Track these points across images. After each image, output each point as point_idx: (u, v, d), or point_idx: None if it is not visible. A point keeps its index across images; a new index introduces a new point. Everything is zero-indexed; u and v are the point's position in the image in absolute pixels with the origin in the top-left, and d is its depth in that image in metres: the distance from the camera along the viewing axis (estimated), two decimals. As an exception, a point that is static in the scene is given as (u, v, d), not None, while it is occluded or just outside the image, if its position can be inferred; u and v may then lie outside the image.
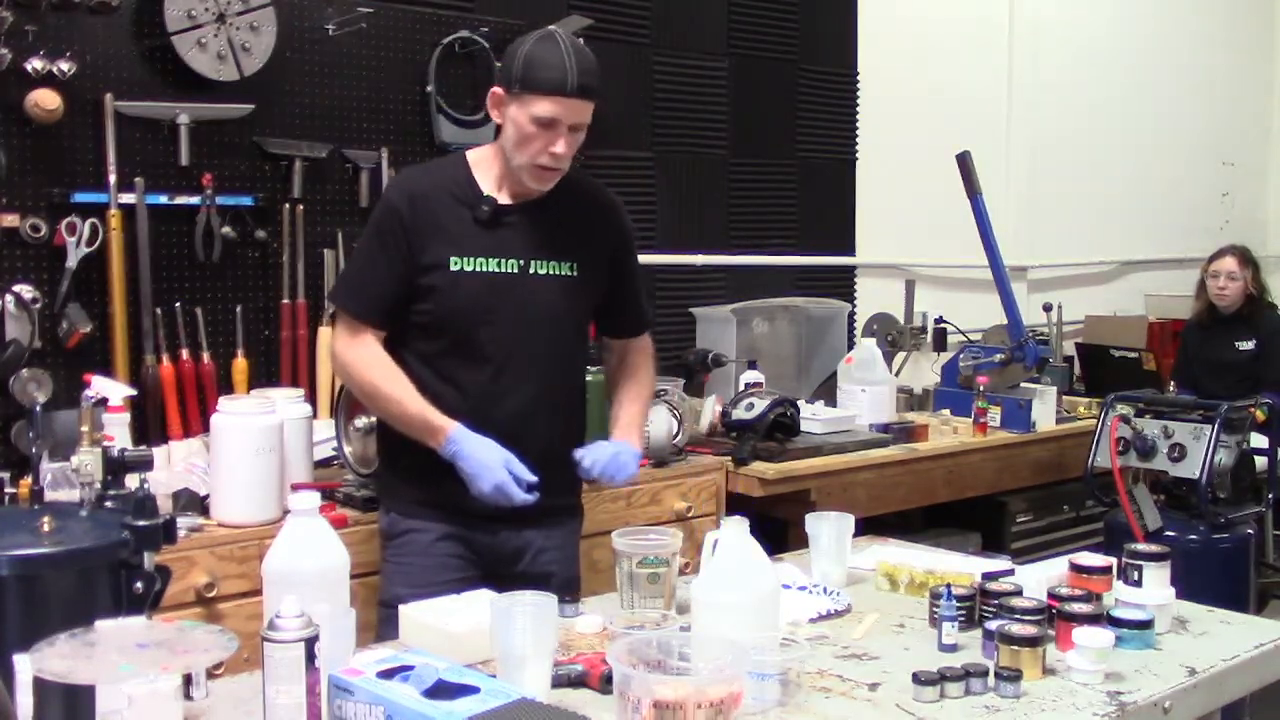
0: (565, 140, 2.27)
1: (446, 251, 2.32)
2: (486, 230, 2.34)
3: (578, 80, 2.23)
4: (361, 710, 1.52)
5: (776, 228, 4.71)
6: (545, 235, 2.38)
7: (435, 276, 2.32)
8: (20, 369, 2.87)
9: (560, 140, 2.27)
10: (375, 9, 3.47)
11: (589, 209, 2.47)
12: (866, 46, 4.98)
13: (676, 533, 2.17)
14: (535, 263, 2.37)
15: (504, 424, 2.32)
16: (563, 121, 2.25)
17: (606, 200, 2.53)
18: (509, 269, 2.35)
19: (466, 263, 2.32)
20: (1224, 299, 4.91)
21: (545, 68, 2.24)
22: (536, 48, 2.26)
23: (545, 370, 2.39)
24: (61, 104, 2.92)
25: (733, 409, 3.66)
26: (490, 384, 2.35)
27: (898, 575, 2.29)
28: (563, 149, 2.28)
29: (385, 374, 2.32)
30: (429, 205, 2.34)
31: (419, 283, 2.33)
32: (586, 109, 2.28)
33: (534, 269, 2.37)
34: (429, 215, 2.33)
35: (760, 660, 1.70)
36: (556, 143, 2.27)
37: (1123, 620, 1.98)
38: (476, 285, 2.32)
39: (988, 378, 4.21)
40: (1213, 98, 6.65)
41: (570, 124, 2.27)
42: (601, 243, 2.48)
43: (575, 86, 2.24)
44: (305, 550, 1.79)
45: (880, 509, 3.74)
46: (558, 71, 2.23)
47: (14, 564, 1.57)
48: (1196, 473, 3.66)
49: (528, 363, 2.37)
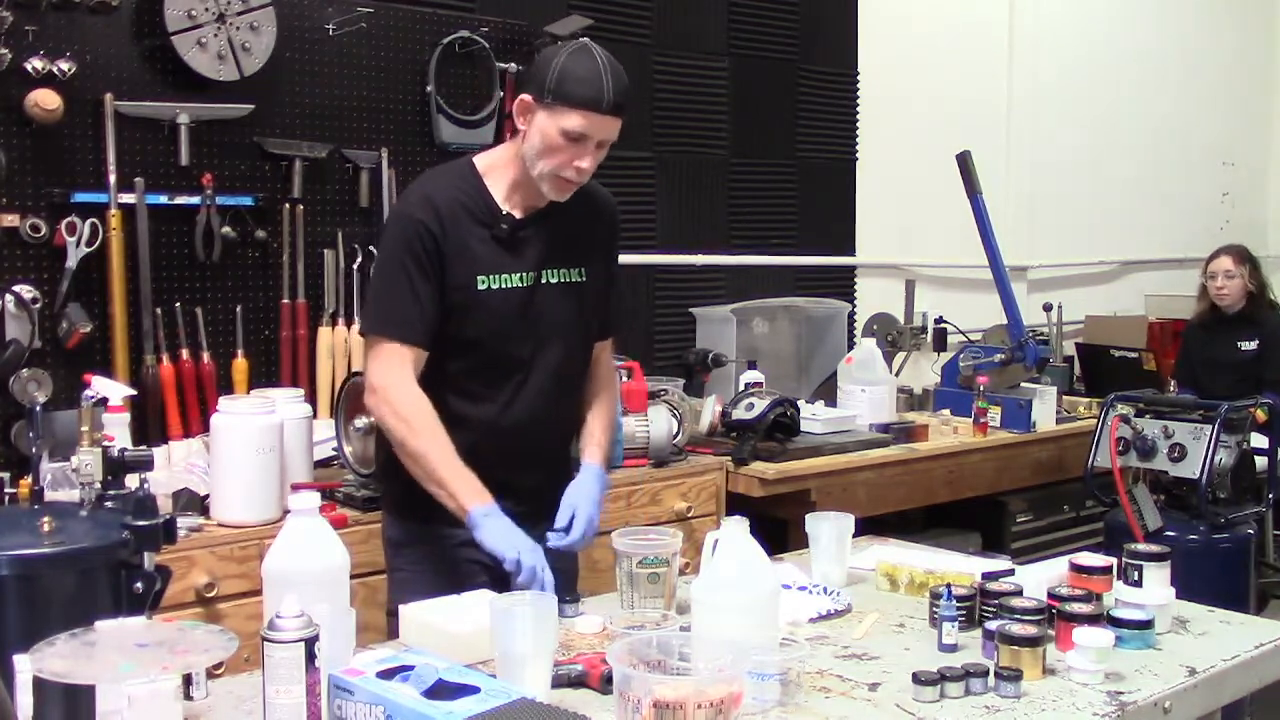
0: (592, 156, 2.24)
1: (473, 271, 2.28)
2: (504, 246, 2.31)
3: (613, 98, 2.20)
4: (361, 710, 1.51)
5: (776, 228, 4.71)
6: (554, 243, 2.36)
7: (462, 297, 2.27)
8: (20, 369, 2.87)
9: (587, 156, 2.23)
10: (375, 9, 3.47)
11: (591, 211, 2.44)
12: (866, 46, 4.98)
13: (676, 533, 2.17)
14: (547, 272, 2.35)
15: (520, 432, 2.31)
16: (592, 137, 2.22)
17: (605, 201, 2.51)
18: (525, 282, 2.32)
19: (492, 281, 2.29)
20: (1225, 298, 4.91)
21: (581, 83, 2.19)
22: (573, 60, 2.21)
23: (559, 377, 2.37)
24: (61, 104, 2.92)
25: (733, 409, 3.65)
26: (512, 396, 2.32)
27: (898, 575, 2.29)
28: (588, 164, 2.25)
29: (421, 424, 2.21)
30: (455, 223, 2.28)
31: (451, 304, 2.28)
32: (616, 126, 2.25)
33: (546, 278, 2.35)
34: (454, 234, 2.28)
35: (760, 660, 1.70)
36: (584, 158, 2.23)
37: (1123, 620, 1.98)
38: (498, 303, 2.29)
39: (988, 378, 4.21)
40: (1213, 98, 6.65)
41: (599, 140, 2.24)
42: (603, 244, 2.47)
43: (611, 104, 2.20)
44: (305, 550, 1.79)
45: (880, 509, 3.74)
46: (593, 88, 2.19)
47: (14, 564, 1.57)
48: (1196, 473, 3.66)
49: (544, 371, 2.34)
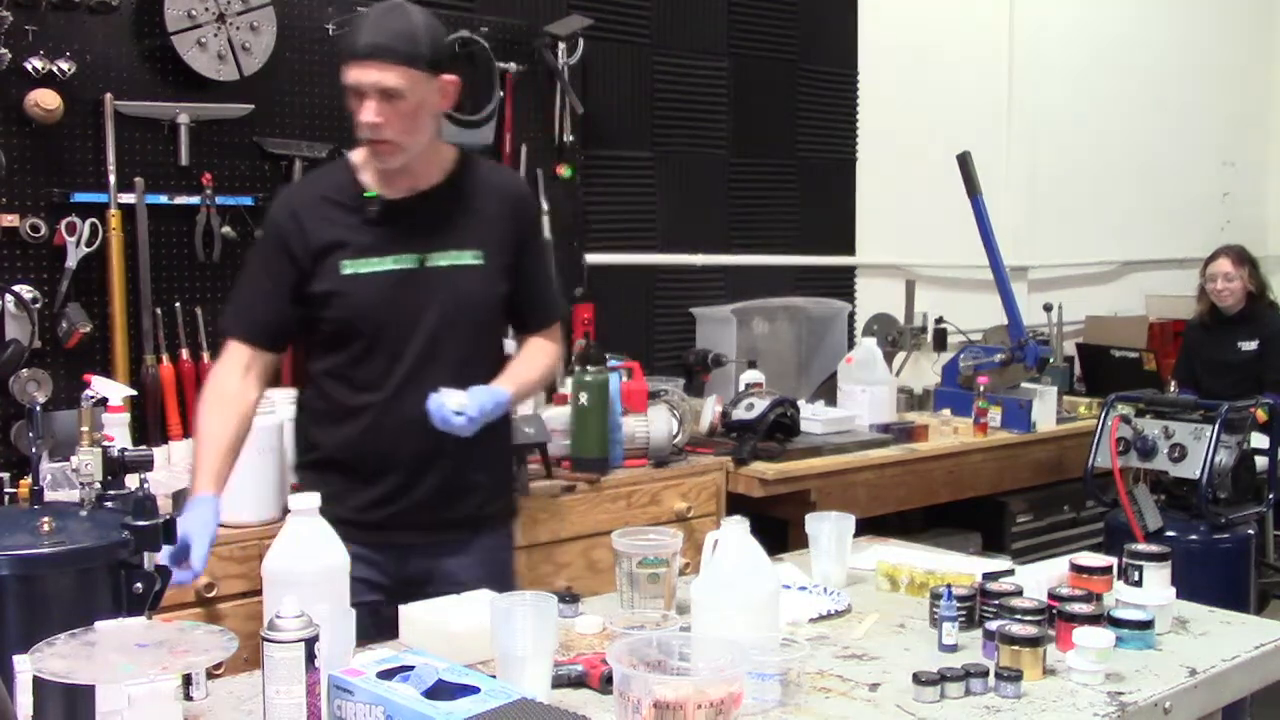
0: (373, 107, 2.17)
1: (337, 258, 2.26)
2: (379, 229, 2.27)
3: (371, 40, 2.16)
4: (361, 710, 1.51)
5: (776, 228, 4.71)
6: (444, 225, 2.31)
7: (329, 284, 2.26)
8: (20, 369, 2.87)
9: (368, 108, 2.18)
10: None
11: (491, 193, 2.37)
12: (866, 46, 4.98)
13: (676, 533, 2.17)
14: (434, 254, 2.29)
15: (416, 422, 2.22)
16: (363, 87, 2.17)
17: (511, 185, 2.46)
18: (405, 265, 2.27)
19: (360, 265, 2.26)
20: (1225, 300, 4.91)
21: (350, 34, 2.21)
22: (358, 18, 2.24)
23: (460, 363, 2.29)
24: (61, 104, 2.92)
25: (733, 409, 3.66)
26: (405, 382, 2.27)
27: (898, 575, 2.29)
28: (371, 117, 2.18)
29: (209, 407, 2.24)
30: (313, 215, 2.28)
31: (314, 294, 2.27)
32: (386, 72, 2.16)
33: (432, 261, 2.29)
34: (314, 226, 2.27)
35: (760, 660, 1.70)
36: (364, 109, 2.18)
37: (1123, 620, 1.98)
38: (372, 287, 2.26)
39: (988, 378, 4.21)
40: (1213, 98, 6.64)
41: (376, 89, 2.17)
42: (508, 231, 2.37)
43: (367, 47, 2.16)
44: (305, 550, 1.79)
45: (880, 509, 3.74)
46: (356, 37, 2.18)
47: (14, 564, 1.57)
48: (1197, 473, 3.65)
49: (441, 357, 2.28)
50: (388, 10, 2.22)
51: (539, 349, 2.47)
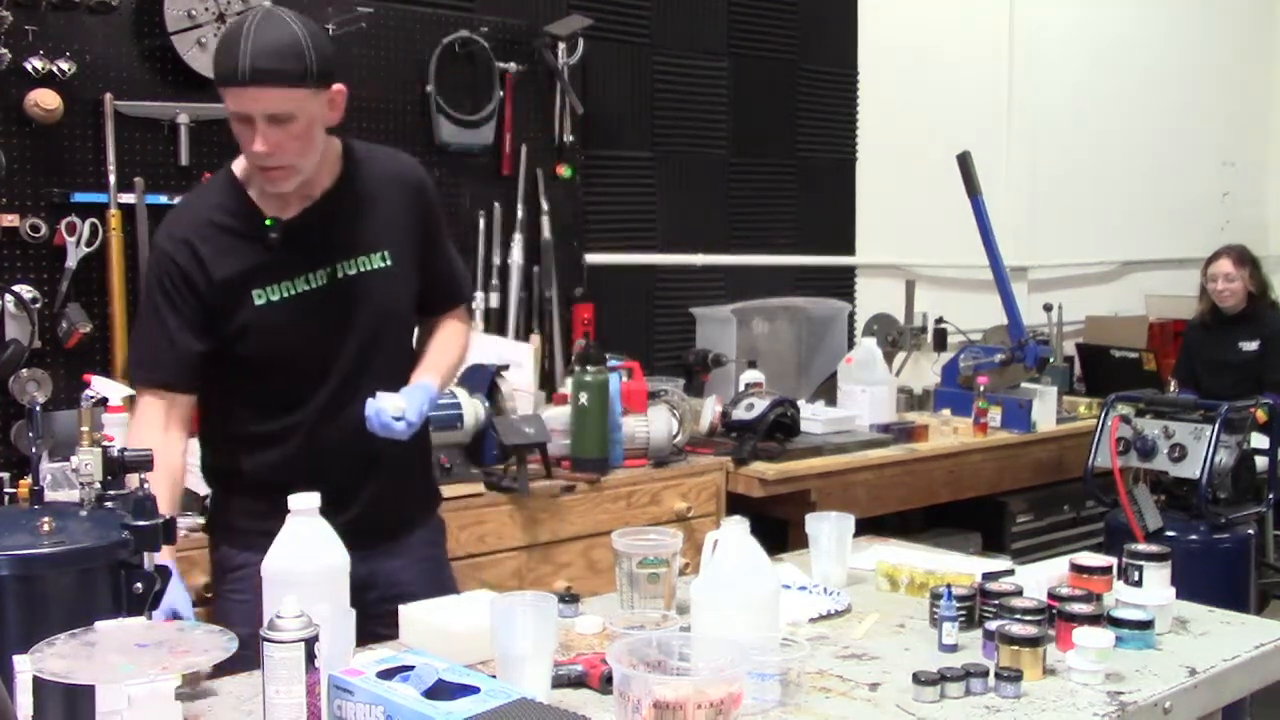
0: (262, 135, 1.98)
1: (248, 288, 2.10)
2: (280, 252, 2.11)
3: (250, 64, 1.93)
4: (361, 710, 1.51)
5: (776, 228, 4.71)
6: (347, 231, 2.17)
7: (244, 316, 2.11)
8: (20, 369, 2.88)
9: (256, 136, 1.98)
10: (375, 9, 3.48)
11: (391, 186, 2.23)
12: (866, 46, 4.98)
13: (676, 533, 2.17)
14: (343, 265, 2.16)
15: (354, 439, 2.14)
16: (249, 114, 1.97)
17: (401, 170, 2.28)
18: (317, 282, 2.14)
19: (271, 293, 2.11)
20: (1226, 300, 4.91)
21: (219, 55, 1.98)
22: (226, 32, 1.99)
23: (384, 370, 2.20)
24: (61, 104, 2.92)
25: (733, 409, 3.66)
26: (331, 400, 2.17)
27: (898, 575, 2.29)
28: (262, 146, 1.98)
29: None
30: (209, 246, 2.10)
31: (226, 330, 2.12)
32: (275, 96, 1.96)
33: (341, 272, 2.16)
34: (214, 256, 2.10)
35: (760, 660, 1.70)
36: (254, 140, 1.98)
37: (1123, 620, 1.98)
38: (289, 311, 2.12)
39: (988, 378, 4.21)
40: (1213, 98, 6.65)
41: (265, 115, 1.97)
42: (411, 221, 2.25)
43: (247, 72, 1.93)
44: (305, 550, 1.79)
45: (880, 509, 3.74)
46: (229, 58, 1.94)
47: (14, 564, 1.56)
48: (1197, 473, 3.66)
49: (365, 368, 2.19)
50: (264, 22, 1.99)
51: (452, 331, 2.38)
